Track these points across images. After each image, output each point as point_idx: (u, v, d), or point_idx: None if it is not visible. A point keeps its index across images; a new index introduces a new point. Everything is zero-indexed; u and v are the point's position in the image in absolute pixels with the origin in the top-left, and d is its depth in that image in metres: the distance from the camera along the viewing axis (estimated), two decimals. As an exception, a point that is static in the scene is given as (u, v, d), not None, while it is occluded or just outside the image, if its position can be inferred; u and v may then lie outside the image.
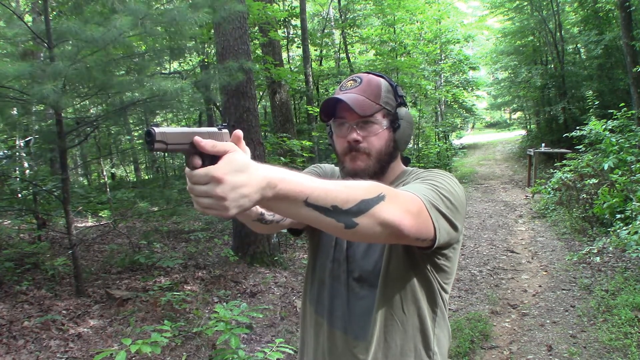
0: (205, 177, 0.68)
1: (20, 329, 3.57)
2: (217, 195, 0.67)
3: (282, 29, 11.82)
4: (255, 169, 0.70)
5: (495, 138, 23.14)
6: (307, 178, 0.76)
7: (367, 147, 1.10)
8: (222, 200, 0.68)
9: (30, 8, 8.14)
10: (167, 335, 2.77)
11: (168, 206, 5.77)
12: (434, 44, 15.57)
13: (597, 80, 13.86)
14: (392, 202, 0.81)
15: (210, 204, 0.69)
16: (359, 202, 0.77)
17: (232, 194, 0.68)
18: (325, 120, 1.17)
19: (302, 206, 0.74)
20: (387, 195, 0.81)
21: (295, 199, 0.73)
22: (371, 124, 1.10)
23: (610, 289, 4.33)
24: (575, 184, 7.26)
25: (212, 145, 0.70)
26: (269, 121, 10.77)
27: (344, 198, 0.76)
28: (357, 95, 1.09)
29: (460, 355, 3.41)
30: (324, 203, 0.75)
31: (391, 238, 0.85)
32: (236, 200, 0.68)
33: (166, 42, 5.12)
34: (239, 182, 0.68)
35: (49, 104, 3.85)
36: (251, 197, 0.69)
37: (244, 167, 0.69)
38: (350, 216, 0.77)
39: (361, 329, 1.10)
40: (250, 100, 5.62)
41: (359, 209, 0.77)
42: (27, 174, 6.74)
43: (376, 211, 0.78)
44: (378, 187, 0.82)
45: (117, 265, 5.45)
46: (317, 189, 0.74)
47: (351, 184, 0.81)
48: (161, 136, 0.69)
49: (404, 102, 1.17)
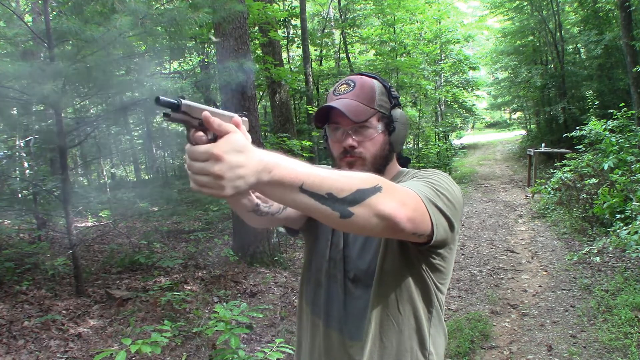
0: (205, 153, 0.68)
1: (20, 329, 3.57)
2: (214, 173, 0.67)
3: (282, 29, 11.82)
4: (253, 151, 0.70)
5: (495, 138, 23.15)
6: (303, 165, 0.75)
7: (363, 152, 1.09)
8: (219, 179, 0.68)
9: (30, 8, 8.13)
10: (167, 335, 2.77)
11: (168, 206, 5.77)
12: (434, 44, 15.56)
13: (597, 80, 13.87)
14: (389, 194, 0.80)
15: (206, 182, 0.69)
16: (354, 191, 0.76)
17: (229, 173, 0.68)
18: (319, 125, 1.16)
19: (297, 192, 0.74)
20: (383, 187, 0.80)
21: (291, 184, 0.73)
22: (366, 128, 1.09)
23: (610, 289, 4.33)
24: (575, 184, 7.26)
25: (218, 124, 0.70)
26: (269, 121, 10.77)
27: (339, 186, 0.76)
28: (350, 100, 1.08)
29: (460, 355, 3.41)
30: (319, 190, 0.74)
31: (387, 231, 0.83)
32: (232, 180, 0.68)
33: (166, 42, 5.12)
34: (236, 162, 0.68)
35: (49, 104, 3.85)
36: (247, 179, 0.69)
37: (243, 149, 0.69)
38: (345, 205, 0.76)
39: (357, 329, 1.09)
40: (250, 100, 5.62)
41: (354, 198, 0.76)
42: (27, 174, 6.74)
43: (372, 202, 0.77)
44: (375, 178, 0.81)
45: (117, 265, 5.45)
46: (312, 175, 0.74)
47: (348, 173, 0.81)
48: (186, 107, 0.70)
49: (399, 103, 1.16)
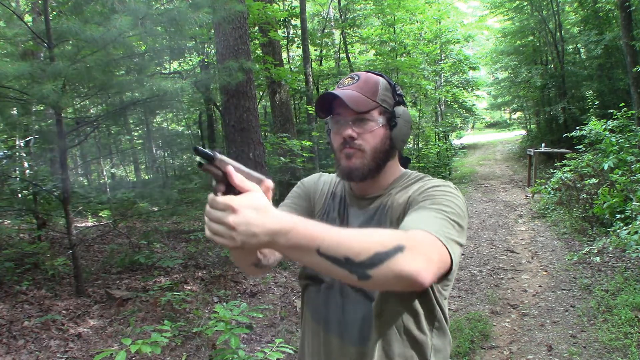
0: (224, 204, 0.71)
1: (20, 329, 3.57)
2: (228, 224, 0.70)
3: (282, 29, 11.81)
4: (270, 212, 0.73)
5: (495, 138, 23.16)
6: (321, 227, 0.76)
7: (362, 144, 1.09)
8: (231, 230, 0.71)
9: (30, 8, 8.13)
10: (167, 335, 2.77)
11: (168, 206, 5.76)
12: (434, 44, 15.55)
13: (597, 80, 13.87)
14: (412, 252, 0.78)
15: (220, 231, 0.72)
16: (372, 255, 0.75)
17: (242, 226, 0.70)
18: (322, 116, 1.15)
19: (314, 255, 0.75)
20: (406, 247, 0.78)
21: (308, 248, 0.75)
22: (367, 121, 1.08)
23: (610, 289, 4.33)
24: (575, 184, 7.26)
25: (240, 180, 0.74)
26: (269, 121, 10.77)
27: (356, 250, 0.75)
28: (352, 91, 1.08)
29: (460, 355, 3.41)
30: (336, 254, 0.75)
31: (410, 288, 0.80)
32: (244, 234, 0.71)
33: (166, 42, 5.12)
34: (251, 218, 0.71)
35: (49, 104, 3.85)
36: (259, 237, 0.71)
37: (261, 208, 0.72)
38: (363, 268, 0.76)
39: (357, 335, 1.08)
40: (250, 100, 5.62)
41: (372, 262, 0.75)
42: (27, 174, 6.73)
43: (392, 264, 0.76)
44: (395, 237, 0.79)
45: (117, 265, 5.45)
46: (329, 239, 0.75)
47: (366, 233, 0.80)
48: (219, 162, 0.76)
49: (403, 101, 1.15)
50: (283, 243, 0.73)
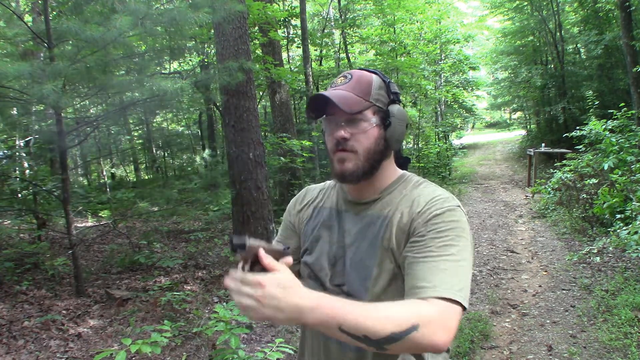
0: (253, 281, 0.81)
1: (20, 329, 3.57)
2: (256, 298, 0.80)
3: (282, 29, 11.81)
4: (296, 291, 0.82)
5: (495, 138, 23.15)
6: (341, 304, 0.84)
7: (355, 145, 1.06)
8: (258, 303, 0.80)
9: (30, 8, 8.14)
10: (167, 335, 2.77)
11: (168, 206, 5.76)
12: (434, 44, 15.54)
13: (597, 80, 13.86)
14: (427, 328, 0.85)
15: (248, 304, 0.81)
16: (388, 335, 0.83)
17: (268, 300, 0.80)
18: (314, 117, 1.12)
19: (336, 331, 0.84)
20: (420, 325, 0.84)
21: (330, 325, 0.83)
22: (360, 121, 1.06)
23: (610, 289, 4.32)
24: (575, 184, 7.26)
25: (269, 262, 0.84)
26: (269, 121, 10.76)
27: (374, 330, 0.83)
28: (344, 92, 1.05)
29: (460, 355, 3.41)
30: (356, 332, 0.83)
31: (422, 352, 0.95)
32: (270, 307, 0.80)
33: (166, 42, 5.12)
34: (276, 294, 0.80)
35: (49, 104, 3.85)
36: (286, 313, 0.81)
37: (288, 286, 0.82)
38: (381, 344, 0.84)
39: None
40: (250, 100, 5.61)
41: (387, 340, 0.84)
42: (27, 174, 6.74)
43: (407, 341, 0.84)
44: (410, 315, 0.85)
45: (117, 265, 5.45)
46: (349, 319, 0.83)
47: (385, 314, 0.86)
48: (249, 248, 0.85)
49: (398, 98, 1.12)
50: (309, 319, 0.82)
